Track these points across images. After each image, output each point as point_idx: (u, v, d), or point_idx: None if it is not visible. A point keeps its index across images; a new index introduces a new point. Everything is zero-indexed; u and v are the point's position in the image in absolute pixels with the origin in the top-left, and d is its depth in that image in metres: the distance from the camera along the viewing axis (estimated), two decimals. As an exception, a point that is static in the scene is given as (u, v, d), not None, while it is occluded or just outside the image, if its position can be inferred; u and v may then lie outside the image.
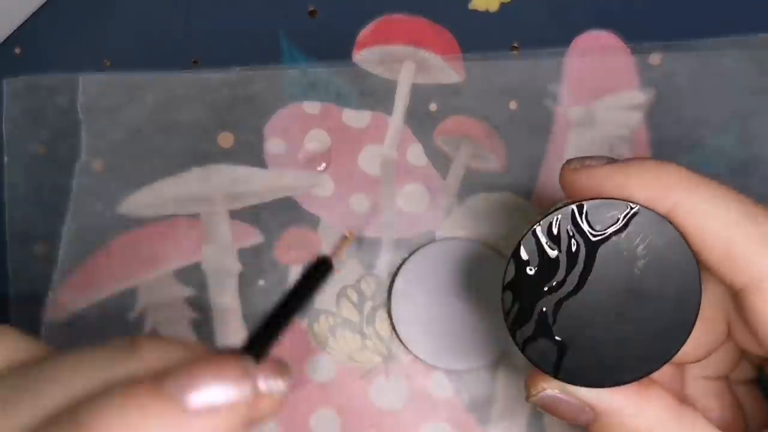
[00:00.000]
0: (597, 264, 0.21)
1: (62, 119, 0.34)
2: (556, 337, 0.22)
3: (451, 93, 0.33)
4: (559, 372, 0.22)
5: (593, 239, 0.21)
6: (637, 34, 0.33)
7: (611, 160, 0.22)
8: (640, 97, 0.33)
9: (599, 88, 0.33)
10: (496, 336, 0.32)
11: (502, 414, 0.32)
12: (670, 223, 0.21)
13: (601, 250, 0.21)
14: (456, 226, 0.33)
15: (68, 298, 0.33)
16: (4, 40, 0.34)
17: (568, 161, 0.23)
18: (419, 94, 0.33)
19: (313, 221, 0.33)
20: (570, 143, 0.33)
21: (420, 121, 0.33)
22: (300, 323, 0.32)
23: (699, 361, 0.24)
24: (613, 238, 0.21)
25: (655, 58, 0.33)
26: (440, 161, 0.33)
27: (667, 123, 0.33)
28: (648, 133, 0.33)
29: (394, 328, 0.32)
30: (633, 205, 0.21)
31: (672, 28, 0.33)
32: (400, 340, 0.32)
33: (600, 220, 0.21)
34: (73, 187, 0.33)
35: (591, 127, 0.33)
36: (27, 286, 0.33)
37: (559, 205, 0.22)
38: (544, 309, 0.22)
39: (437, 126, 0.33)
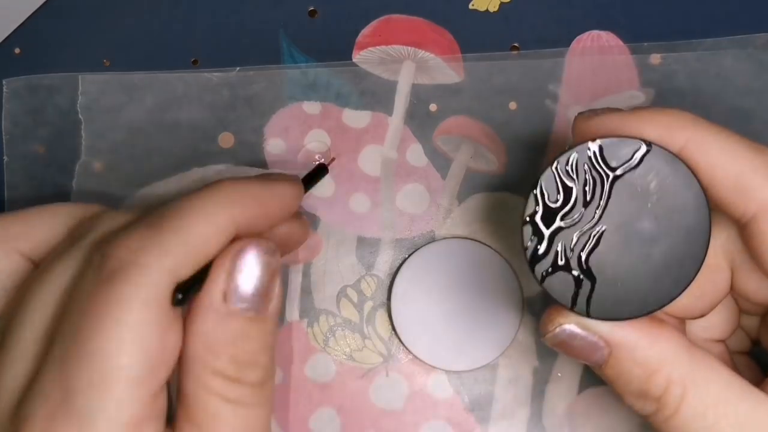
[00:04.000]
0: (612, 200, 0.22)
1: (62, 119, 0.34)
2: (573, 272, 0.22)
3: (451, 93, 0.33)
4: (576, 305, 0.22)
5: (609, 176, 0.22)
6: (637, 34, 0.33)
7: (620, 110, 0.23)
8: (640, 97, 0.33)
9: (599, 88, 0.33)
10: (496, 336, 0.32)
11: (502, 414, 0.32)
12: (681, 160, 0.22)
13: (617, 187, 0.22)
14: (456, 226, 0.33)
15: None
16: (4, 40, 0.34)
17: (581, 113, 0.24)
18: (419, 94, 0.33)
19: (313, 221, 0.33)
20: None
21: (420, 121, 0.33)
22: (300, 323, 0.32)
23: (702, 315, 0.25)
24: (627, 174, 0.22)
25: (655, 58, 0.33)
26: (440, 161, 0.33)
27: (667, 123, 0.33)
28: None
29: (394, 328, 0.32)
30: (647, 143, 0.22)
31: (672, 28, 0.33)
32: (400, 340, 0.32)
33: (615, 158, 0.22)
34: (73, 187, 0.33)
35: (591, 127, 0.33)
36: (27, 286, 0.33)
37: (577, 143, 0.23)
38: (562, 243, 0.23)
39: (437, 126, 0.33)
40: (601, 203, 0.22)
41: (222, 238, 0.22)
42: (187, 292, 0.22)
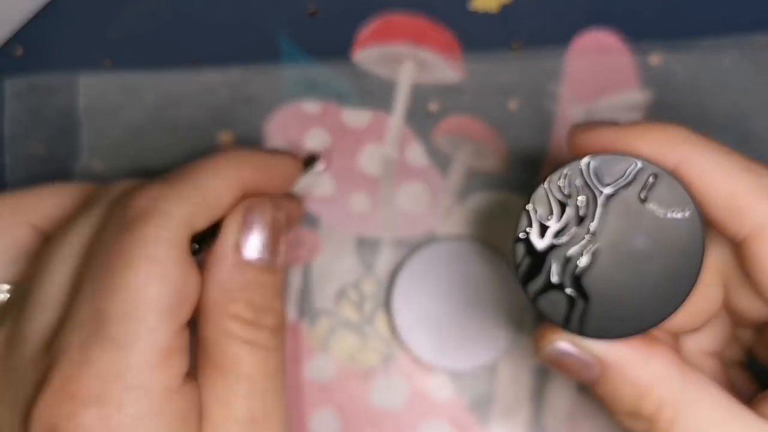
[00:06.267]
0: (605, 218, 0.22)
1: (63, 119, 0.34)
2: (566, 290, 0.22)
3: (451, 93, 0.33)
4: (568, 324, 0.22)
5: (601, 193, 0.22)
6: (637, 34, 0.33)
7: (617, 123, 0.23)
8: (640, 97, 0.33)
9: (599, 88, 0.33)
10: (496, 336, 0.31)
11: (502, 414, 0.32)
12: (676, 177, 0.22)
13: (609, 205, 0.22)
14: (456, 226, 0.33)
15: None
16: (6, 41, 0.35)
17: (575, 125, 0.24)
18: (419, 94, 0.33)
19: (313, 221, 0.33)
20: (570, 143, 0.33)
21: (420, 121, 0.33)
22: (300, 323, 0.32)
23: (695, 329, 0.25)
24: (621, 192, 0.22)
25: (655, 58, 0.33)
26: (440, 161, 0.33)
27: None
28: (648, 133, 0.33)
29: (394, 328, 0.32)
30: (640, 160, 0.22)
31: (672, 28, 0.33)
32: (400, 340, 0.32)
33: (608, 175, 0.22)
34: (74, 187, 0.33)
35: (591, 127, 0.33)
36: (27, 286, 0.33)
37: (570, 161, 0.23)
38: (555, 262, 0.22)
39: (437, 126, 0.33)
40: (595, 221, 0.22)
41: (233, 195, 0.24)
42: (201, 243, 0.24)
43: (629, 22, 0.34)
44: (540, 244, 0.22)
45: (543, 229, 0.22)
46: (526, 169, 0.33)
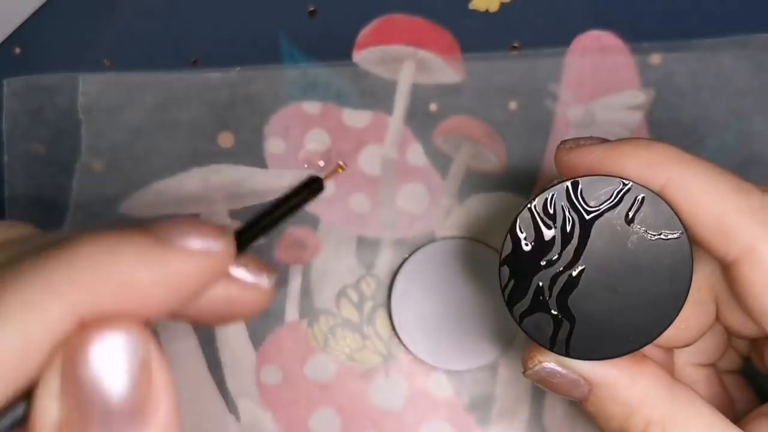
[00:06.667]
0: (591, 239, 0.22)
1: (62, 119, 0.34)
2: (552, 311, 0.22)
3: (451, 93, 0.33)
4: (555, 345, 0.22)
5: (587, 215, 0.22)
6: (637, 34, 0.33)
7: (604, 140, 0.23)
8: (640, 97, 0.33)
9: (599, 88, 0.33)
10: (496, 336, 0.32)
11: (502, 414, 0.32)
12: (663, 198, 0.21)
13: (596, 226, 0.22)
14: (456, 226, 0.33)
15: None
16: (4, 40, 0.34)
17: (563, 141, 0.23)
18: (419, 94, 0.33)
19: (313, 221, 0.33)
20: (570, 143, 0.33)
21: (420, 121, 0.33)
22: (300, 323, 0.32)
23: (688, 345, 0.25)
24: (607, 214, 0.22)
25: (655, 58, 0.33)
26: (440, 161, 0.33)
27: (666, 123, 0.33)
28: (648, 133, 0.33)
29: (394, 328, 0.32)
30: (626, 182, 0.22)
31: (672, 28, 0.33)
32: (400, 340, 0.32)
33: (594, 197, 0.22)
34: (73, 187, 0.33)
35: (591, 127, 0.33)
36: (27, 286, 0.33)
37: (555, 182, 0.22)
38: (540, 283, 0.22)
39: (437, 126, 0.33)
40: (581, 243, 0.22)
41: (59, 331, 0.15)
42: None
43: (629, 22, 0.33)
44: (525, 266, 0.22)
45: (528, 251, 0.22)
46: (526, 170, 0.33)
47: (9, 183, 0.33)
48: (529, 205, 0.22)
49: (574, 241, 0.22)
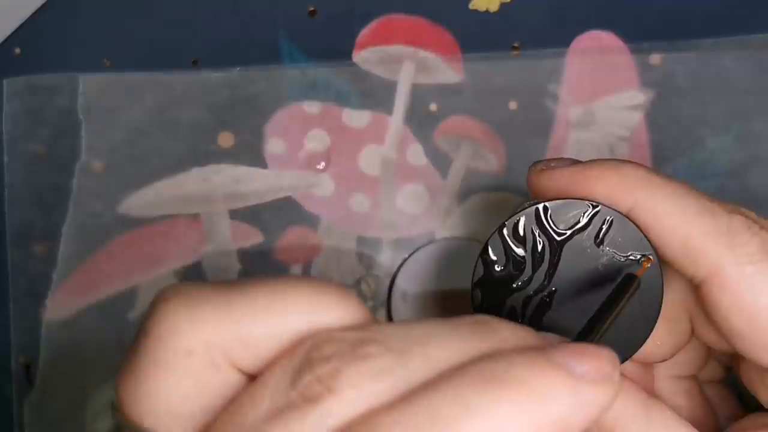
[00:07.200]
0: (562, 262, 0.22)
1: (62, 119, 0.34)
2: None
3: (451, 93, 0.33)
4: None
5: (557, 238, 0.22)
6: (637, 34, 0.33)
7: (575, 162, 0.23)
8: (640, 97, 0.33)
9: (599, 88, 0.33)
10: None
11: (502, 414, 0.32)
12: (631, 220, 0.22)
13: (566, 249, 0.22)
14: (456, 226, 0.33)
15: (68, 298, 0.33)
16: (4, 41, 0.34)
17: (534, 163, 0.24)
18: (419, 94, 0.33)
19: (313, 221, 0.33)
20: (570, 143, 0.33)
21: (420, 121, 0.33)
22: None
23: (665, 360, 0.25)
24: (577, 236, 0.22)
25: (655, 58, 0.33)
26: (440, 161, 0.33)
27: (666, 123, 0.33)
28: (648, 133, 0.33)
29: (394, 328, 0.32)
30: (594, 204, 0.22)
31: (672, 28, 0.33)
32: (400, 340, 0.32)
33: (563, 220, 0.22)
34: (73, 187, 0.33)
35: (591, 127, 0.33)
36: (27, 286, 0.33)
37: (525, 205, 0.23)
38: (513, 306, 0.23)
39: (437, 126, 0.33)
40: (551, 265, 0.22)
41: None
42: None
43: (629, 22, 0.33)
44: (498, 288, 0.22)
45: (499, 275, 0.22)
46: (526, 170, 0.33)
47: (9, 183, 0.33)
48: (499, 230, 0.22)
49: (545, 264, 0.22)
